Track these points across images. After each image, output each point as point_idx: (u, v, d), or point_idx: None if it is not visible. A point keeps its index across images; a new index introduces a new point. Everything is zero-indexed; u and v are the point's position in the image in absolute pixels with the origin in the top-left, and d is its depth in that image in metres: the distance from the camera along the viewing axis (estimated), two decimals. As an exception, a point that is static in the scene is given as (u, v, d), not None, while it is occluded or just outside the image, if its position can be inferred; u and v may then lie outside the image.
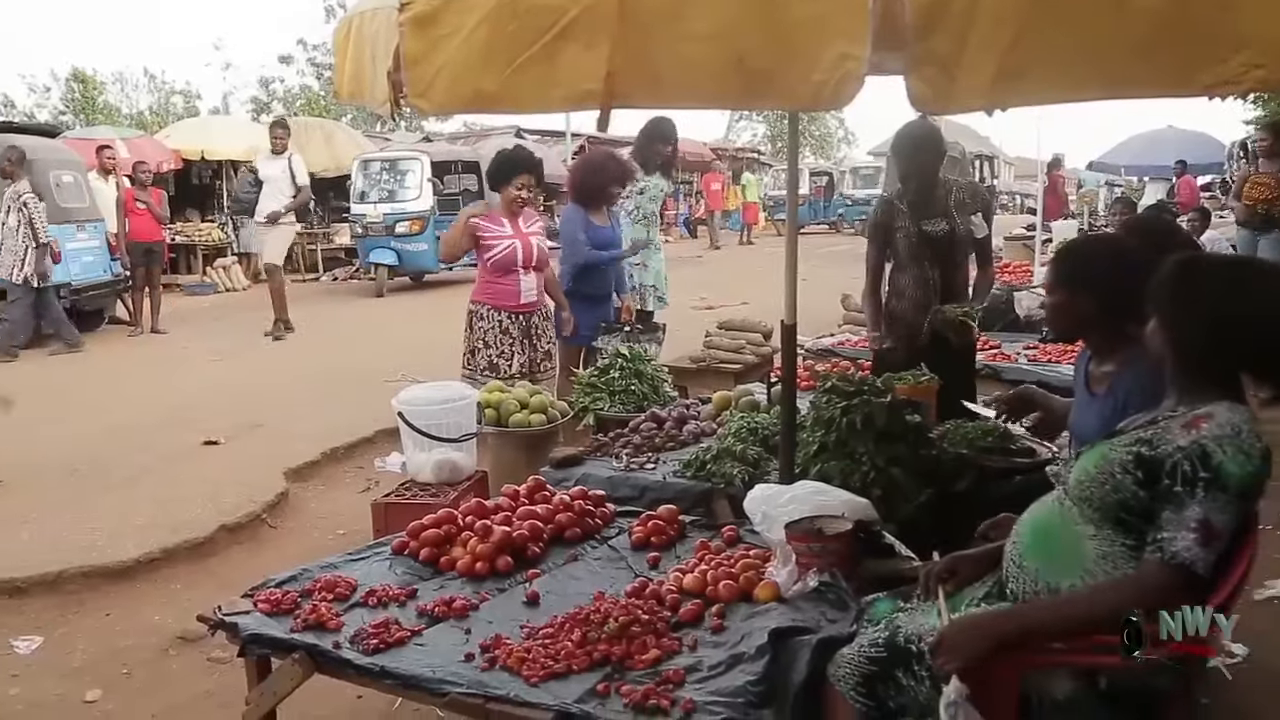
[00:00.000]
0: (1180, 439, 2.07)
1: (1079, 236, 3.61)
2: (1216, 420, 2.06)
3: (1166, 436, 2.10)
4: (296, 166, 11.33)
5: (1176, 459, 2.05)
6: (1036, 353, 6.70)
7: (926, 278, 4.45)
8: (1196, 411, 2.11)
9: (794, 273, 3.45)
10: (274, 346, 11.04)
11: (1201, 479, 2.02)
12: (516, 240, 5.56)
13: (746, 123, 51.12)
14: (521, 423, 4.83)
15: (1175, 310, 2.21)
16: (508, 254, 5.53)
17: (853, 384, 3.58)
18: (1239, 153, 18.76)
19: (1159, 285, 2.26)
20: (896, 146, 4.45)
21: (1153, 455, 2.09)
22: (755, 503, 3.10)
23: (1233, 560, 2.10)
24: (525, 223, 5.66)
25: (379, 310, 14.51)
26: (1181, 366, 2.22)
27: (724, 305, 12.30)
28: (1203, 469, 2.02)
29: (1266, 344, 2.14)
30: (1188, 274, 2.23)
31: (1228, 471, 2.01)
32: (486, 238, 5.55)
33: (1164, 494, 2.06)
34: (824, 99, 2.24)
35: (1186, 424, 2.09)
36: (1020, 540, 2.33)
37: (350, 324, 12.96)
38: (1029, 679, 2.13)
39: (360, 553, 3.37)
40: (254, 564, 4.80)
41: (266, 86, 38.65)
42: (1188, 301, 2.19)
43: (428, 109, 2.40)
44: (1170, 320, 2.23)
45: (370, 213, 16.28)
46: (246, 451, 6.60)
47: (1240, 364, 2.17)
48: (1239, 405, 2.12)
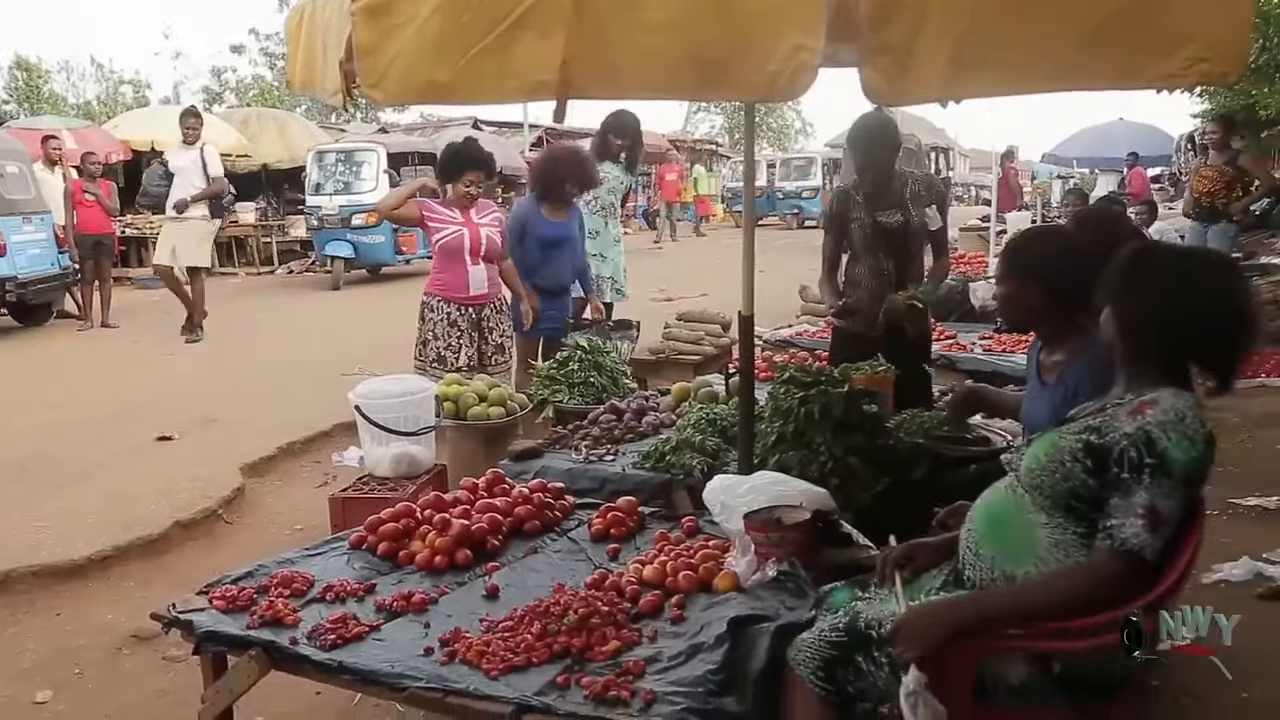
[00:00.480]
0: (1126, 426, 2.10)
1: (1028, 228, 3.67)
2: (1161, 406, 2.10)
3: (1114, 424, 2.13)
4: (209, 157, 10.71)
5: (1123, 446, 2.08)
6: (991, 343, 6.78)
7: (882, 268, 4.48)
8: (1142, 398, 2.14)
9: (751, 264, 3.46)
10: (232, 341, 10.90)
11: (1147, 465, 2.05)
12: (465, 229, 5.52)
13: (705, 114, 51.21)
14: (480, 416, 4.81)
15: (1126, 300, 2.25)
16: (454, 239, 5.50)
17: (810, 375, 3.60)
18: (1186, 145, 19.11)
19: (1111, 275, 2.30)
20: (852, 138, 4.48)
21: (1101, 443, 2.12)
22: (714, 493, 3.11)
23: (1181, 545, 2.13)
24: (478, 214, 5.62)
25: (335, 303, 14.37)
26: (1130, 355, 2.26)
27: (683, 297, 12.33)
28: (1148, 455, 2.05)
29: (1213, 335, 2.18)
30: (1139, 264, 2.26)
31: (1173, 458, 2.04)
32: (433, 218, 5.51)
33: (1112, 481, 2.09)
34: (779, 90, 2.25)
35: (1133, 411, 2.13)
36: (975, 528, 2.36)
37: (306, 317, 12.83)
38: (984, 664, 2.15)
39: (317, 548, 3.34)
40: (209, 561, 4.75)
41: (218, 76, 38.21)
42: (1138, 291, 2.22)
43: (381, 100, 2.38)
44: (1121, 309, 2.26)
45: (326, 205, 16.12)
46: (201, 447, 6.52)
47: (1188, 354, 2.20)
48: (1184, 392, 2.15)
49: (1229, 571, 4.11)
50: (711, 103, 42.09)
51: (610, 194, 6.79)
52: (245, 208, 19.08)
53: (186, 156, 10.65)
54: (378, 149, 16.62)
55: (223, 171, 11.00)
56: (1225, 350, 2.20)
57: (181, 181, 10.57)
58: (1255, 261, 10.07)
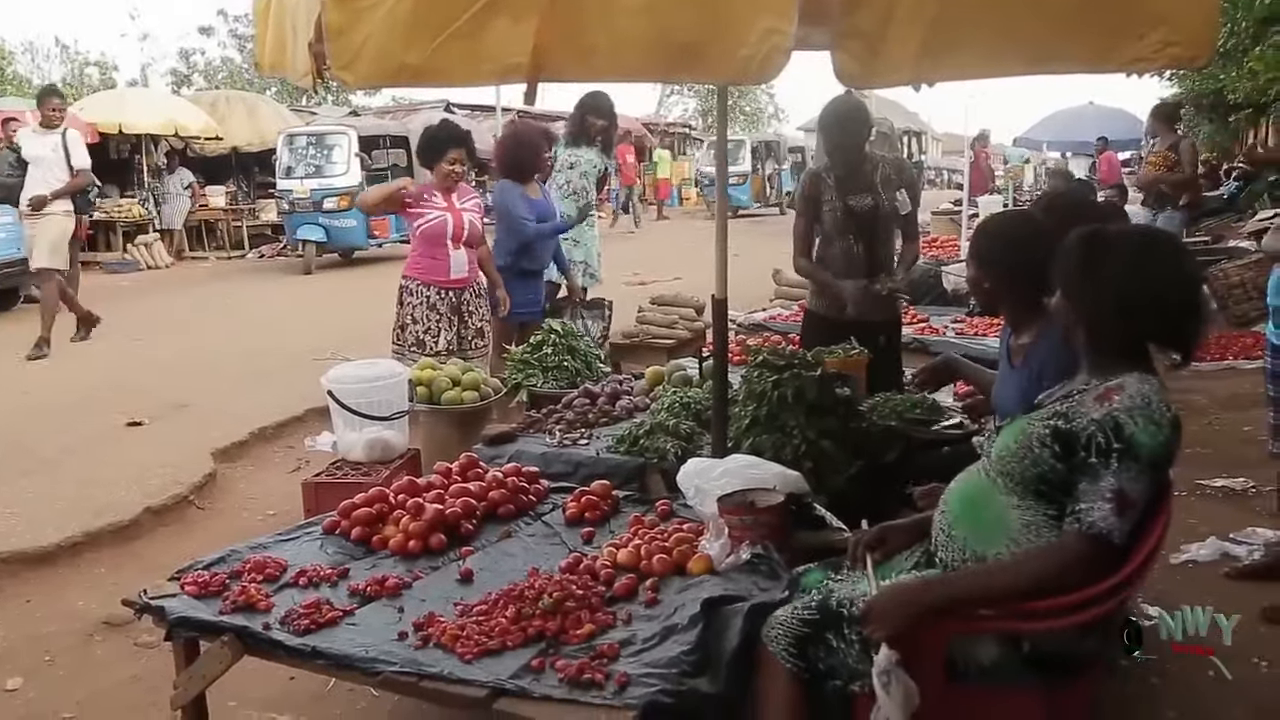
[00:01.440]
0: (1094, 412, 2.12)
1: (993, 214, 3.69)
2: (1128, 392, 2.12)
3: (1080, 410, 2.15)
4: (73, 144, 9.19)
5: (1090, 431, 2.10)
6: (964, 326, 6.83)
7: (852, 251, 4.49)
8: (1108, 384, 2.17)
9: (724, 248, 3.46)
10: (203, 325, 10.80)
11: (1115, 450, 2.07)
12: (448, 214, 5.50)
13: (678, 97, 51.07)
14: (454, 400, 4.80)
15: (1081, 286, 2.26)
16: (437, 224, 5.47)
17: (784, 358, 3.61)
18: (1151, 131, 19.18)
19: (1063, 261, 2.31)
20: (823, 121, 4.48)
21: (1068, 429, 2.14)
22: (688, 477, 3.12)
23: (1148, 527, 2.15)
24: (460, 198, 5.60)
25: (307, 288, 14.26)
26: (1091, 340, 2.28)
27: (656, 280, 12.33)
28: (1116, 440, 2.07)
29: (1171, 314, 2.20)
30: (1091, 249, 2.27)
31: (1139, 442, 2.07)
32: (414, 209, 5.50)
33: (1080, 466, 2.11)
34: (751, 73, 2.25)
35: (1099, 396, 2.15)
36: (948, 510, 2.38)
37: (278, 302, 12.73)
38: (955, 644, 2.18)
39: (290, 533, 3.33)
40: (181, 547, 4.71)
41: (186, 58, 37.71)
42: (1093, 277, 2.24)
43: (352, 82, 2.36)
44: (1077, 296, 2.28)
45: (297, 188, 15.96)
46: (172, 432, 6.47)
47: (1147, 335, 2.23)
48: (1149, 376, 2.18)
49: (1196, 552, 4.17)
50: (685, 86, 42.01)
51: (584, 178, 6.76)
52: (215, 191, 18.96)
53: (45, 143, 9.15)
54: (349, 132, 16.48)
55: (89, 162, 9.53)
56: (1184, 327, 2.23)
57: (39, 173, 9.15)
58: (1223, 245, 10.17)
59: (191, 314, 11.38)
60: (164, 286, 14.32)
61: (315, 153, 16.43)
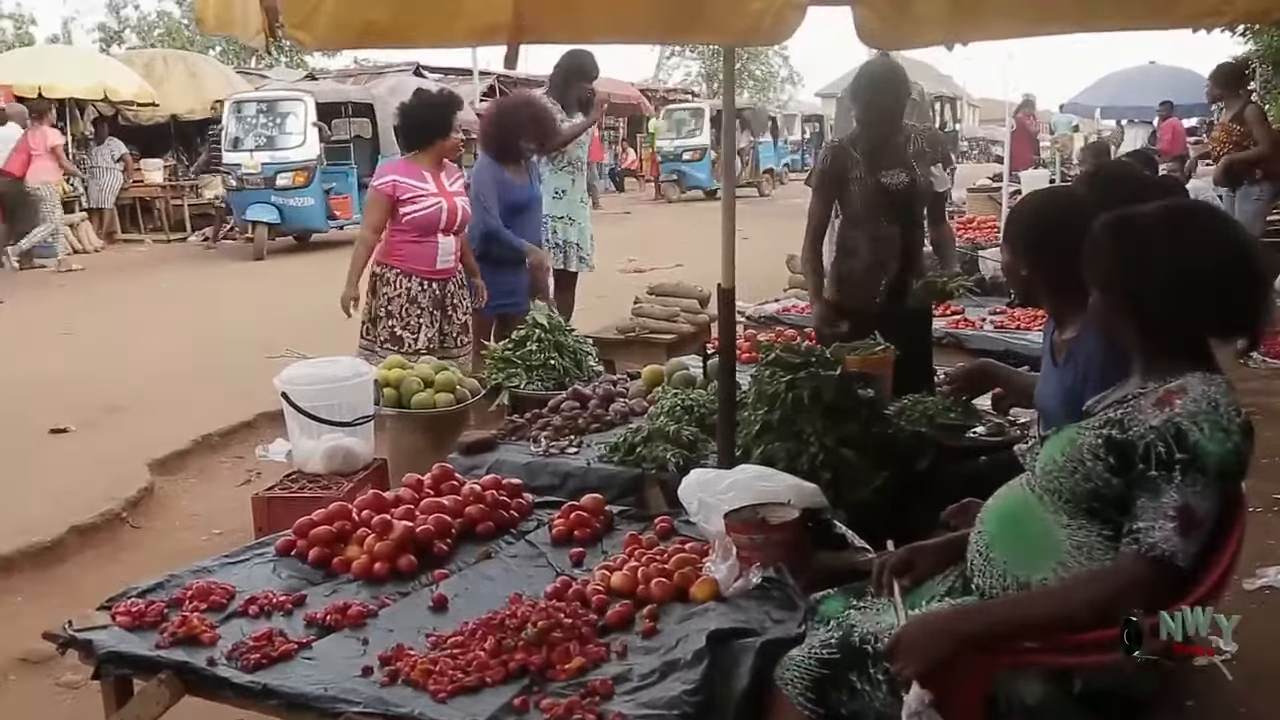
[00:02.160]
0: (1152, 418, 2.11)
1: (1031, 192, 3.70)
2: (1190, 395, 2.11)
3: (1138, 416, 2.14)
4: None
5: (1149, 440, 2.09)
6: (1003, 319, 6.82)
7: (884, 235, 4.50)
8: (1168, 386, 2.15)
9: (732, 230, 3.46)
10: (139, 317, 10.78)
11: (1178, 461, 2.06)
12: (442, 200, 5.49)
13: (679, 59, 51.10)
14: (425, 403, 4.80)
15: (1121, 278, 2.25)
16: (430, 214, 5.46)
17: (799, 355, 3.61)
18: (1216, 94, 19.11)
19: (1094, 254, 2.30)
20: (856, 87, 4.49)
21: (1124, 438, 2.13)
22: (691, 490, 3.13)
23: (1218, 548, 2.15)
24: (448, 178, 5.59)
25: (258, 275, 14.26)
26: (1142, 339, 2.26)
27: (655, 268, 12.34)
28: (1179, 450, 2.06)
29: (1228, 292, 2.18)
30: (1123, 235, 2.27)
31: (1206, 451, 2.05)
32: (405, 197, 5.46)
33: (1138, 480, 2.10)
34: (762, 32, 2.25)
35: (1158, 401, 2.13)
36: (986, 529, 2.37)
37: (225, 291, 12.73)
38: (996, 681, 2.17)
39: (239, 555, 3.33)
40: (112, 571, 4.71)
41: (117, 12, 37.52)
42: (1132, 266, 2.23)
43: (309, 43, 2.36)
44: (1118, 290, 2.26)
45: (246, 162, 15.94)
46: (102, 440, 6.46)
47: (1205, 323, 2.21)
48: (1213, 375, 2.16)
49: (1275, 577, 4.12)
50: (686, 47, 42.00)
51: (577, 147, 6.77)
52: (152, 165, 18.92)
53: None
54: (305, 98, 16.45)
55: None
56: (1245, 306, 2.21)
57: None
58: None
59: (125, 305, 11.36)
60: (93, 273, 14.30)
61: (267, 122, 16.42)
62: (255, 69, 23.67)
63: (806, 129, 36.25)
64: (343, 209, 16.33)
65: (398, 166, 5.67)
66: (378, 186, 5.61)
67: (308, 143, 16.02)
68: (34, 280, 13.52)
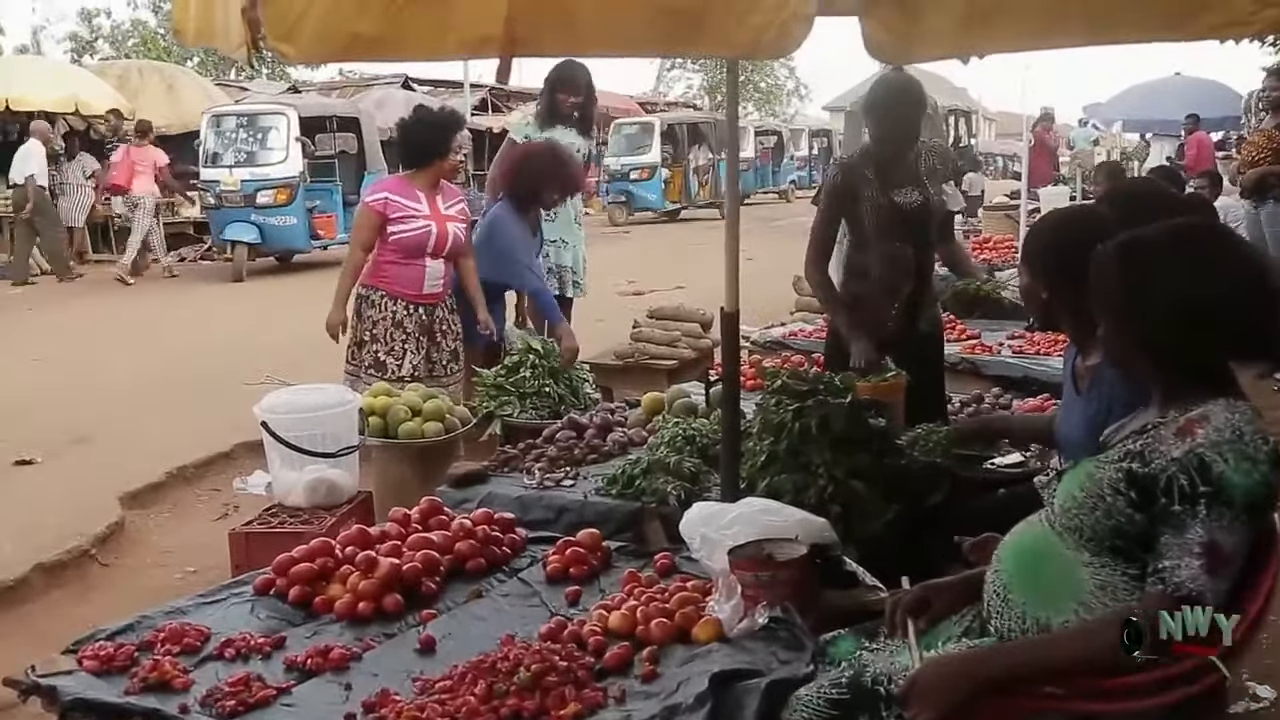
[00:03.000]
0: (1174, 449, 2.11)
1: (1049, 212, 3.73)
2: (1213, 424, 2.11)
3: (1159, 448, 2.14)
4: None
5: (1172, 473, 2.09)
6: (1023, 343, 6.82)
7: (897, 256, 4.51)
8: (1189, 415, 2.15)
9: (736, 250, 3.47)
10: (110, 342, 10.78)
11: (1202, 494, 2.06)
12: (433, 223, 5.50)
13: (680, 71, 51.38)
14: (413, 433, 4.80)
15: (1132, 306, 2.25)
16: (418, 236, 5.47)
17: (806, 382, 3.62)
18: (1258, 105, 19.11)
19: (1103, 280, 2.32)
20: (871, 102, 4.51)
21: (1145, 471, 2.13)
22: (693, 525, 3.12)
23: (1251, 585, 2.14)
24: (445, 201, 5.59)
25: (237, 298, 14.28)
26: (1158, 367, 2.27)
27: (654, 290, 12.36)
28: (1203, 482, 2.06)
29: (1244, 317, 2.18)
30: (1131, 259, 2.28)
31: (1231, 483, 2.05)
32: (395, 215, 5.47)
33: (1162, 515, 2.09)
34: (766, 45, 2.26)
35: (1179, 431, 2.14)
36: (1003, 568, 2.37)
37: (202, 315, 12.74)
38: (1015, 727, 2.18)
39: (215, 594, 3.32)
40: (79, 612, 4.69)
41: (89, 21, 37.73)
42: (1143, 292, 2.23)
43: (293, 56, 2.37)
44: (1130, 318, 2.27)
45: (225, 179, 16.01)
46: (71, 472, 6.46)
47: (1225, 347, 2.22)
48: (1237, 402, 2.17)
49: None
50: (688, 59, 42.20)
51: None
52: (125, 182, 18.92)
53: None
54: (288, 112, 16.53)
55: None
56: (1261, 329, 2.21)
57: None
58: None
59: (96, 328, 11.36)
60: (62, 295, 14.31)
61: (247, 136, 16.51)
62: (235, 81, 23.79)
63: (814, 144, 36.40)
64: (326, 228, 16.36)
65: (392, 183, 5.69)
66: (369, 203, 5.61)
67: (290, 159, 16.07)
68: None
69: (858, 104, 4.86)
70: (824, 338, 5.25)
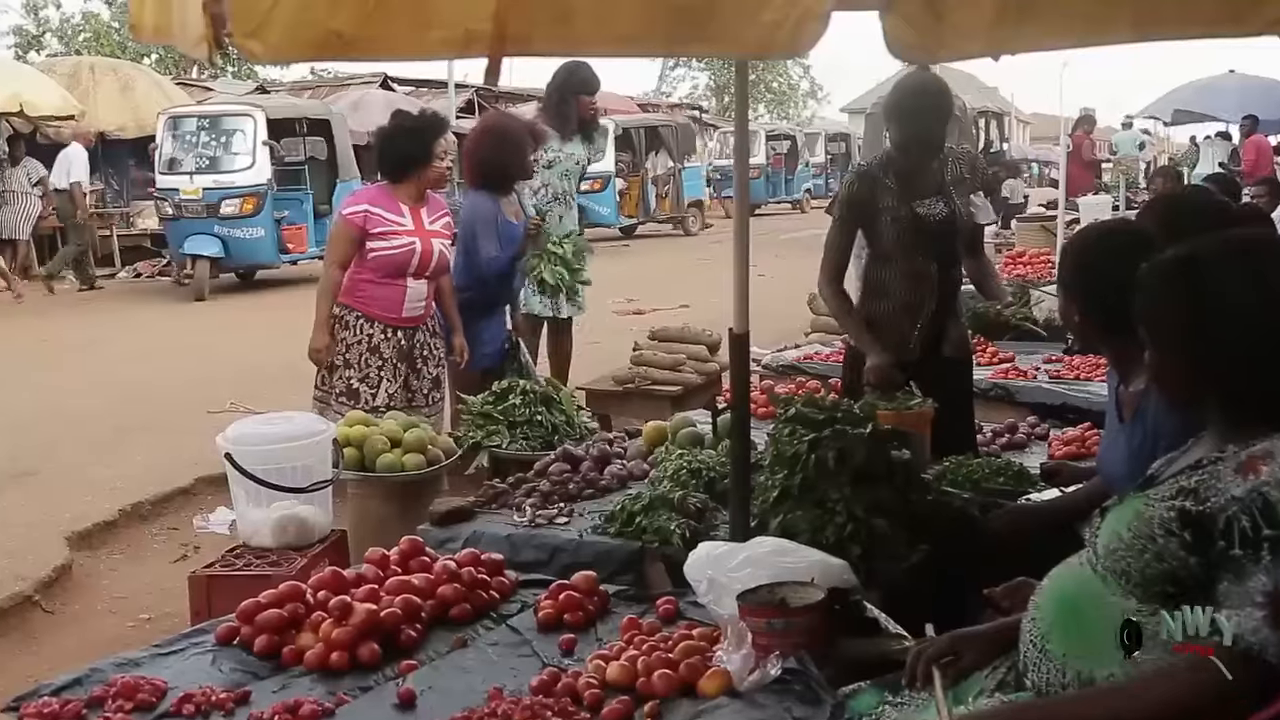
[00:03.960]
0: (1234, 487, 2.09)
1: (1086, 227, 3.73)
2: (1279, 460, 2.09)
3: (1216, 485, 2.12)
4: None
5: (1232, 513, 2.07)
6: (1061, 367, 6.83)
7: (920, 273, 4.52)
8: (1251, 450, 2.13)
9: (745, 266, 3.49)
10: (58, 366, 10.79)
11: (1266, 538, 2.03)
12: (416, 240, 5.50)
13: (685, 71, 51.62)
14: (392, 466, 4.80)
15: (1193, 328, 2.24)
16: (401, 255, 5.47)
17: (823, 410, 3.62)
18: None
19: (1153, 299, 2.31)
20: (893, 105, 4.53)
21: (1200, 510, 2.11)
22: (699, 566, 3.13)
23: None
24: (430, 215, 5.60)
25: (199, 318, 14.31)
26: (1218, 397, 2.26)
27: (657, 309, 12.39)
28: (1267, 525, 2.04)
29: None
30: (1190, 278, 2.26)
31: None
32: (375, 230, 5.48)
33: (1220, 560, 2.08)
34: (778, 44, 2.27)
35: (1240, 467, 2.11)
36: (1042, 617, 2.36)
37: (159, 336, 12.77)
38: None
39: (173, 644, 3.31)
40: (20, 664, 4.70)
41: (35, 14, 37.79)
42: (1208, 313, 2.22)
43: (262, 55, 2.38)
44: (1188, 341, 2.26)
45: (184, 187, 16.01)
46: (12, 510, 6.46)
47: None
48: None
49: None
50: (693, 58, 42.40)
51: (565, 179, 6.84)
52: (76, 190, 18.92)
53: None
54: (254, 114, 16.57)
55: None
56: None
57: None
58: None
59: (42, 351, 11.37)
60: (4, 315, 14.32)
61: (210, 141, 16.52)
62: (198, 80, 23.86)
63: (831, 149, 36.49)
64: (296, 241, 16.39)
65: (372, 194, 5.69)
66: (348, 216, 5.60)
67: (257, 165, 16.09)
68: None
69: (878, 106, 4.88)
70: (841, 361, 5.26)
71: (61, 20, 37.70)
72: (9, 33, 37.34)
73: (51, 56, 29.38)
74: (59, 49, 34.71)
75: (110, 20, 35.95)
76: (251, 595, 3.41)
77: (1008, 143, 29.68)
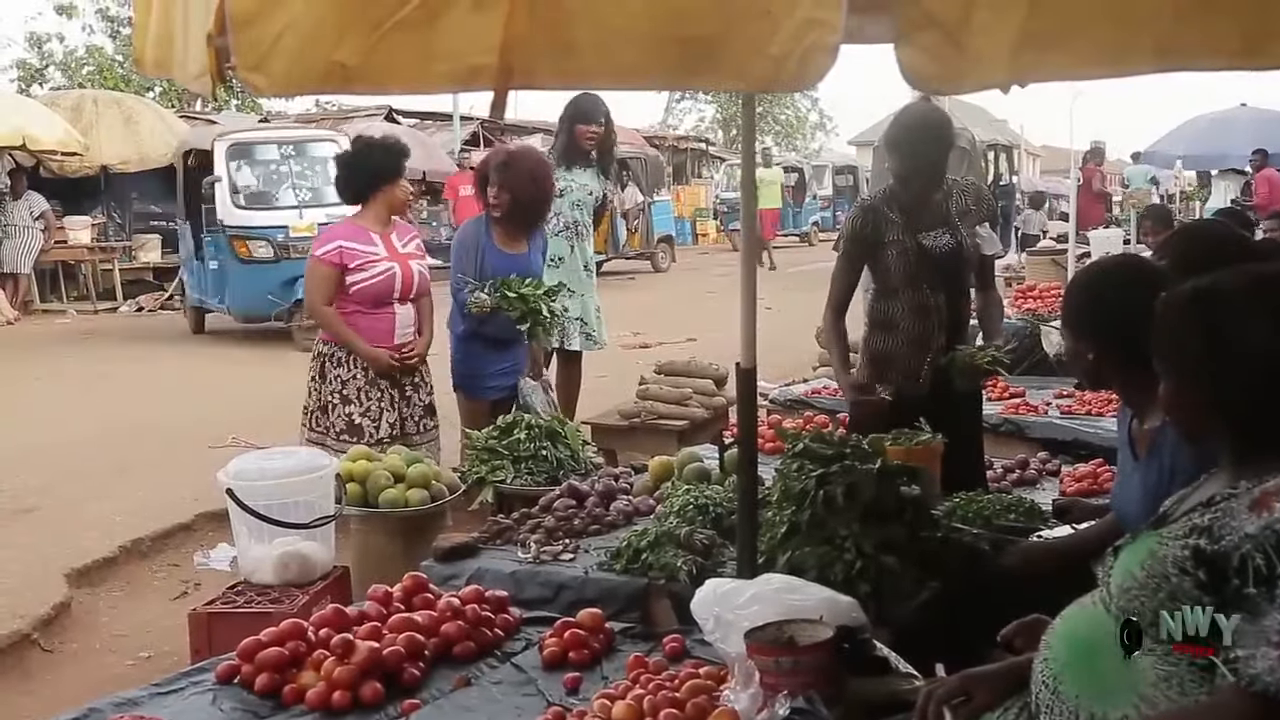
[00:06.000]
0: (1248, 525, 2.09)
1: (1096, 262, 3.73)
2: None
3: (1230, 523, 2.12)
4: None
5: (1246, 551, 2.06)
6: (1072, 402, 6.82)
7: (927, 306, 4.53)
8: (1265, 486, 2.13)
9: (752, 300, 3.49)
10: (59, 401, 10.81)
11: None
12: (395, 265, 5.53)
13: (691, 103, 51.85)
14: (396, 501, 4.80)
15: (1209, 362, 2.24)
16: (383, 281, 5.51)
17: (831, 445, 3.63)
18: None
19: (1169, 333, 2.31)
20: (894, 137, 4.55)
21: (1215, 549, 2.10)
22: (706, 604, 3.12)
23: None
24: (400, 239, 5.64)
25: (201, 352, 14.31)
26: (1233, 431, 2.26)
27: (662, 342, 12.40)
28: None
29: None
30: (1204, 314, 2.27)
31: None
32: (353, 264, 5.50)
33: (1234, 599, 2.07)
34: (786, 77, 2.28)
35: (1254, 504, 2.11)
36: (1054, 656, 2.36)
37: (162, 370, 12.78)
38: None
39: (172, 683, 3.31)
40: (19, 705, 4.68)
41: (39, 47, 37.99)
42: (1226, 347, 2.23)
43: (266, 88, 2.39)
44: (1203, 375, 2.26)
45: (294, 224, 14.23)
46: (11, 547, 6.44)
47: None
48: None
49: None
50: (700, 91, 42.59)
51: (576, 209, 6.87)
52: (78, 224, 18.88)
53: None
54: (338, 139, 16.36)
55: None
56: None
57: None
58: None
59: (42, 386, 11.38)
60: (5, 349, 14.35)
61: (302, 170, 15.39)
62: (202, 113, 23.96)
63: (838, 182, 36.56)
64: (301, 273, 16.28)
65: (341, 230, 5.72)
66: (321, 257, 5.61)
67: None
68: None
69: (883, 138, 4.90)
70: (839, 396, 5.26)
71: (65, 54, 37.89)
72: (12, 66, 37.53)
73: (55, 90, 29.50)
74: (62, 82, 34.87)
75: (114, 54, 36.12)
76: (252, 633, 3.40)
77: (1017, 175, 29.70)
